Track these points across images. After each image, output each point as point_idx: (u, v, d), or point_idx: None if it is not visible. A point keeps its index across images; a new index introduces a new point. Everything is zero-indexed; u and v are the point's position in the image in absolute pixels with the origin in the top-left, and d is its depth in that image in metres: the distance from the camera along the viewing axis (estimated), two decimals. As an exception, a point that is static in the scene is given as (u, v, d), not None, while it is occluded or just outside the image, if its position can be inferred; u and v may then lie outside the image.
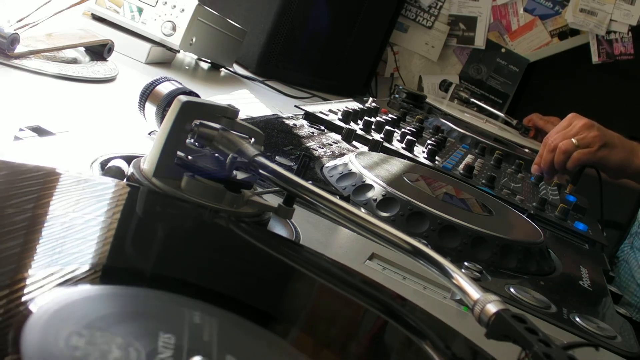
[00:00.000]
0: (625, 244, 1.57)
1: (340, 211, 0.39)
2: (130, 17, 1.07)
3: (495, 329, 0.31)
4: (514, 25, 2.19)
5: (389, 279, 0.49)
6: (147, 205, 0.39)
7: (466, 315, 0.47)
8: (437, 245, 0.58)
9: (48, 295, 0.24)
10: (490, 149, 1.33)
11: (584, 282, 0.67)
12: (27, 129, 0.48)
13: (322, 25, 1.61)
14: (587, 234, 0.92)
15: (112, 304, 0.26)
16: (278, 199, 0.43)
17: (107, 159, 0.47)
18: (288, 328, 0.32)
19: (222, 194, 0.40)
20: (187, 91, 0.60)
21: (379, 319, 0.37)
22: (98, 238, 0.31)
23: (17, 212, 0.30)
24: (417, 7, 2.22)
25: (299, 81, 1.53)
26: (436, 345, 0.34)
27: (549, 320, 0.51)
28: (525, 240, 0.64)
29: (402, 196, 0.61)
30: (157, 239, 0.36)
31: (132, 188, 0.39)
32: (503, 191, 0.97)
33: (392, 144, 1.00)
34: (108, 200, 0.37)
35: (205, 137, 0.40)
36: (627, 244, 1.55)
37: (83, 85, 0.79)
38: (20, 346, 0.21)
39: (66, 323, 0.23)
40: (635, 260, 1.46)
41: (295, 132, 0.85)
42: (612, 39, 2.09)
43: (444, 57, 2.24)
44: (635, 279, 1.42)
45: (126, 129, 0.65)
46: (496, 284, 0.54)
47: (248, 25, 1.37)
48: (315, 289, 0.38)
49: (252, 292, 0.34)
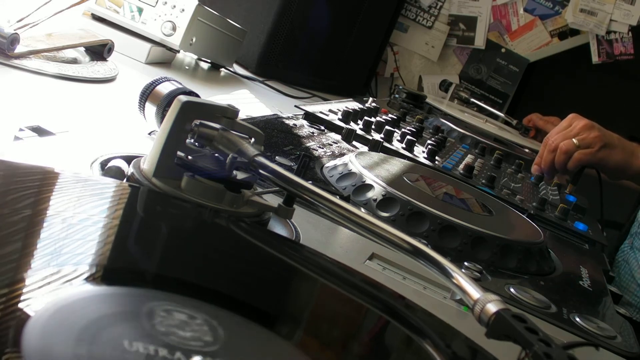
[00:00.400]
0: (625, 244, 1.57)
1: (340, 211, 0.39)
2: (130, 17, 1.07)
3: (496, 329, 0.31)
4: (514, 25, 2.19)
5: (389, 279, 0.49)
6: (147, 205, 0.39)
7: (466, 315, 0.47)
8: (437, 245, 0.58)
9: (48, 295, 0.24)
10: (490, 149, 1.33)
11: (584, 282, 0.67)
12: (27, 129, 0.48)
13: (322, 25, 1.61)
14: (587, 234, 0.92)
15: (112, 304, 0.26)
16: (278, 199, 0.43)
17: (107, 159, 0.47)
18: (288, 327, 0.32)
19: (222, 194, 0.40)
20: (187, 91, 0.60)
21: (379, 319, 0.37)
22: (98, 238, 0.31)
23: (17, 212, 0.30)
24: (417, 7, 2.22)
25: (299, 81, 1.53)
26: (437, 344, 0.34)
27: (549, 320, 0.51)
28: (525, 240, 0.64)
29: (402, 196, 0.61)
30: (157, 239, 0.36)
31: (132, 188, 0.39)
32: (503, 191, 0.97)
33: (392, 144, 1.00)
34: (108, 201, 0.37)
35: (205, 137, 0.40)
36: (627, 245, 1.55)
37: (83, 85, 0.79)
38: (21, 346, 0.21)
39: (66, 323, 0.23)
40: (635, 261, 1.46)
41: (295, 132, 0.85)
42: (612, 39, 2.09)
43: (444, 57, 2.24)
44: (635, 278, 1.43)
45: (126, 129, 0.65)
46: (496, 284, 0.54)
47: (248, 25, 1.37)
48: (316, 289, 0.38)
49: (252, 291, 0.34)
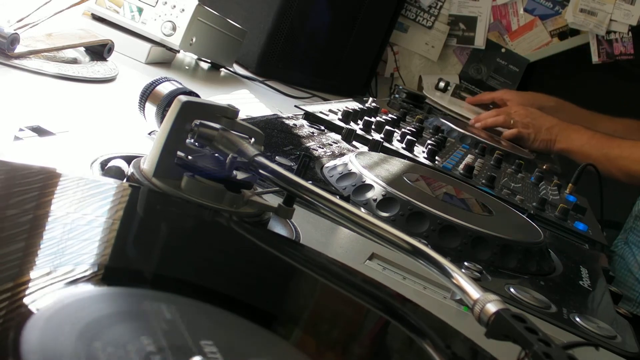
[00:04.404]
0: (619, 239, 1.59)
1: (340, 211, 0.39)
2: (130, 17, 1.07)
3: (495, 329, 0.31)
4: (514, 25, 2.19)
5: (389, 279, 0.49)
6: (147, 205, 0.39)
7: (466, 315, 0.47)
8: (437, 245, 0.58)
9: (48, 295, 0.24)
10: (490, 149, 1.33)
11: (584, 282, 0.67)
12: (27, 129, 0.48)
13: (322, 25, 1.61)
14: (587, 234, 0.92)
15: (112, 304, 0.26)
16: (278, 199, 0.43)
17: (107, 159, 0.47)
18: (288, 327, 0.32)
19: (222, 194, 0.40)
20: (187, 91, 0.60)
21: (379, 318, 0.37)
22: (98, 238, 0.31)
23: (17, 212, 0.30)
24: (417, 7, 2.22)
25: (299, 81, 1.53)
26: (436, 344, 0.34)
27: (549, 320, 0.51)
28: (525, 240, 0.64)
29: (402, 196, 0.61)
30: (157, 239, 0.36)
31: (132, 188, 0.39)
32: (503, 191, 0.97)
33: (392, 144, 1.00)
34: (108, 201, 0.37)
35: (205, 137, 0.40)
36: (622, 239, 1.57)
37: (83, 85, 0.79)
38: (21, 346, 0.21)
39: (66, 323, 0.23)
40: (632, 255, 1.48)
41: (295, 132, 0.85)
42: (612, 39, 2.09)
43: (444, 57, 2.25)
44: (632, 273, 1.44)
45: (126, 129, 0.65)
46: (496, 284, 0.54)
47: (248, 25, 1.37)
48: (316, 289, 0.38)
49: (252, 291, 0.34)
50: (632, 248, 1.51)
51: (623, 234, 1.59)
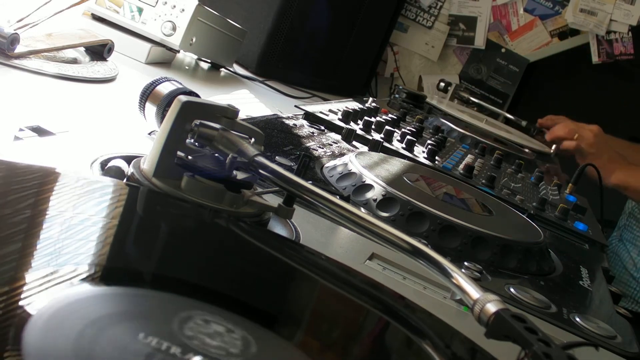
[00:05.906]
0: (613, 236, 1.60)
1: (340, 211, 0.39)
2: (130, 17, 1.07)
3: (495, 329, 0.31)
4: (514, 25, 2.19)
5: (389, 279, 0.49)
6: (147, 205, 0.39)
7: (466, 315, 0.47)
8: (437, 245, 0.58)
9: (48, 295, 0.24)
10: (490, 149, 1.33)
11: (584, 282, 0.67)
12: (27, 129, 0.48)
13: (322, 25, 1.61)
14: (587, 234, 0.92)
15: (111, 304, 0.26)
16: (278, 199, 0.43)
17: (107, 159, 0.47)
18: (288, 327, 0.32)
19: (222, 194, 0.40)
20: (187, 91, 0.60)
21: (379, 319, 0.37)
22: (98, 238, 0.31)
23: (17, 212, 0.30)
24: (417, 7, 2.22)
25: (299, 81, 1.53)
26: (436, 344, 0.34)
27: (549, 320, 0.51)
28: (525, 240, 0.64)
29: (402, 196, 0.61)
30: (157, 239, 0.36)
31: (132, 188, 0.39)
32: (503, 191, 0.97)
33: (392, 144, 1.00)
34: (108, 201, 0.37)
35: (205, 137, 0.40)
36: (616, 237, 1.58)
37: (83, 85, 0.79)
38: (21, 346, 0.21)
39: (66, 323, 0.23)
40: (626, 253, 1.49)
41: (295, 132, 0.85)
42: (612, 39, 2.09)
43: (444, 57, 2.25)
44: (628, 270, 1.45)
45: (126, 129, 0.65)
46: (496, 284, 0.54)
47: (248, 25, 1.37)
48: (316, 289, 0.38)
49: (252, 291, 0.34)
50: (626, 245, 1.52)
51: (617, 232, 1.60)
